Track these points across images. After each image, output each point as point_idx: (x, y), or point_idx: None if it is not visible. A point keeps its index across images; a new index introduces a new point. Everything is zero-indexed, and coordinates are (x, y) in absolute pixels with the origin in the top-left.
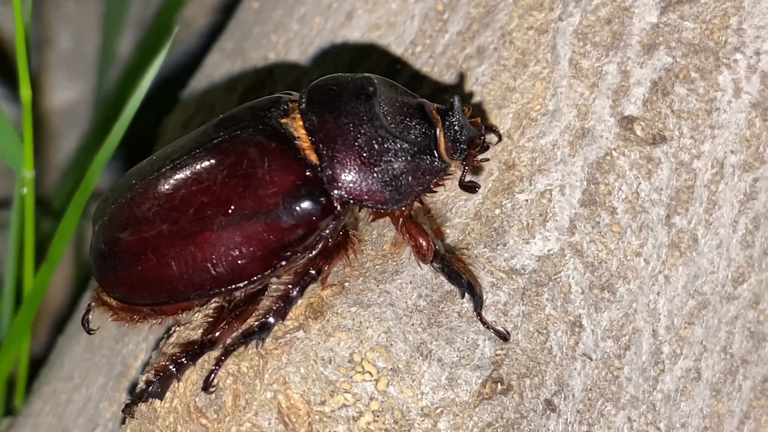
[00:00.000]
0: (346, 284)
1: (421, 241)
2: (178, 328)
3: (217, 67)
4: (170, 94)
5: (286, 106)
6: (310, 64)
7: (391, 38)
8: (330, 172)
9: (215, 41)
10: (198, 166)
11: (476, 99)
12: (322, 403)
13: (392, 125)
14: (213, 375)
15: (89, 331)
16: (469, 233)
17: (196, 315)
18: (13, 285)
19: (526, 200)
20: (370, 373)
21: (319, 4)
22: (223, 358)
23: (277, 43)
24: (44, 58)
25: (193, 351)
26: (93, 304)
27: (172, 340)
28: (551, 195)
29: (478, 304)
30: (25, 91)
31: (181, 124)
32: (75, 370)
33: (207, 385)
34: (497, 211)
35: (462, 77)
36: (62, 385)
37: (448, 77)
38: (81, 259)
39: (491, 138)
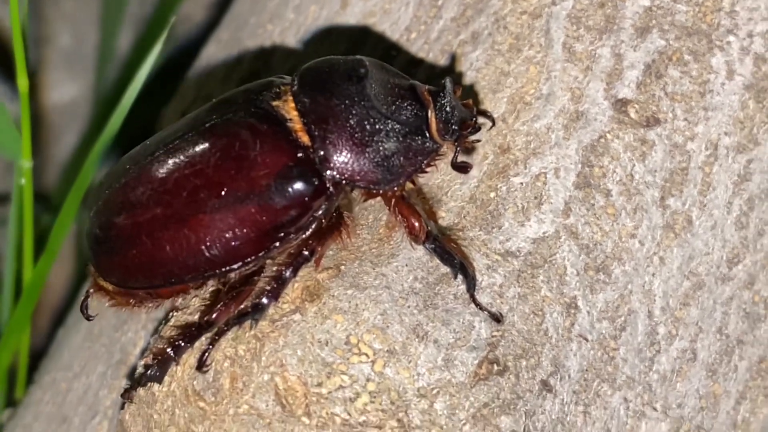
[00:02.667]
0: (342, 267)
1: (413, 221)
2: (175, 313)
3: (213, 58)
4: (170, 90)
5: (278, 89)
6: (306, 52)
7: (386, 25)
8: (322, 152)
9: (212, 33)
10: (191, 150)
11: (471, 83)
12: (319, 384)
13: (384, 106)
14: (207, 354)
15: (88, 318)
16: (464, 216)
17: (194, 300)
18: (12, 278)
19: (521, 183)
20: (367, 355)
21: None
22: (216, 337)
23: (273, 33)
24: (43, 55)
25: (190, 333)
26: (91, 290)
27: (169, 324)
28: (546, 178)
29: (471, 285)
30: (23, 81)
31: (178, 113)
32: (74, 359)
33: (200, 365)
34: (492, 195)
35: (454, 60)
36: (62, 375)
37: (443, 63)
38: (80, 254)
39: (485, 123)
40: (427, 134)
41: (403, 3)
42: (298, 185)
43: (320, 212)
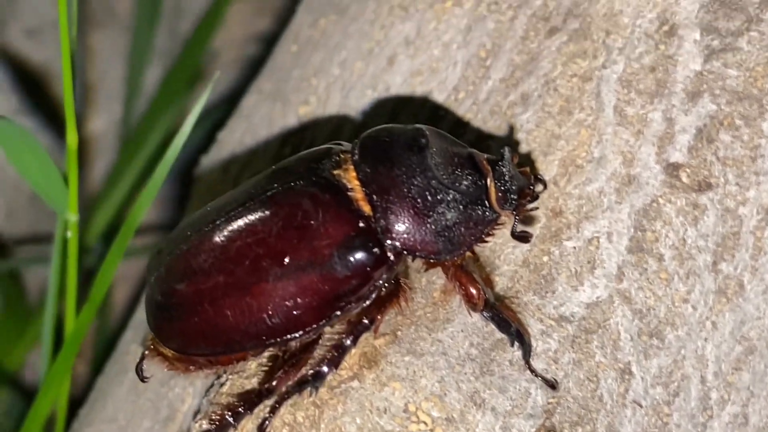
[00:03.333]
0: (399, 333)
1: (471, 290)
2: (231, 377)
3: (255, 109)
4: (196, 125)
5: (338, 157)
6: (352, 110)
7: (434, 84)
8: (384, 223)
9: (252, 82)
10: (253, 218)
11: (521, 146)
12: None
13: (444, 176)
14: (267, 423)
15: (143, 379)
16: (518, 281)
17: (250, 364)
18: (52, 326)
19: (574, 247)
20: (425, 423)
21: (359, 49)
22: (276, 405)
23: (318, 87)
24: None
25: (250, 400)
26: (147, 353)
27: (225, 389)
28: (599, 242)
29: (527, 352)
30: (72, 138)
31: (220, 167)
32: (119, 412)
33: None
34: (545, 259)
35: (511, 128)
36: (106, 427)
37: (492, 124)
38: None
39: (538, 187)
40: (487, 204)
41: (451, 62)
42: (360, 255)
43: (381, 281)
